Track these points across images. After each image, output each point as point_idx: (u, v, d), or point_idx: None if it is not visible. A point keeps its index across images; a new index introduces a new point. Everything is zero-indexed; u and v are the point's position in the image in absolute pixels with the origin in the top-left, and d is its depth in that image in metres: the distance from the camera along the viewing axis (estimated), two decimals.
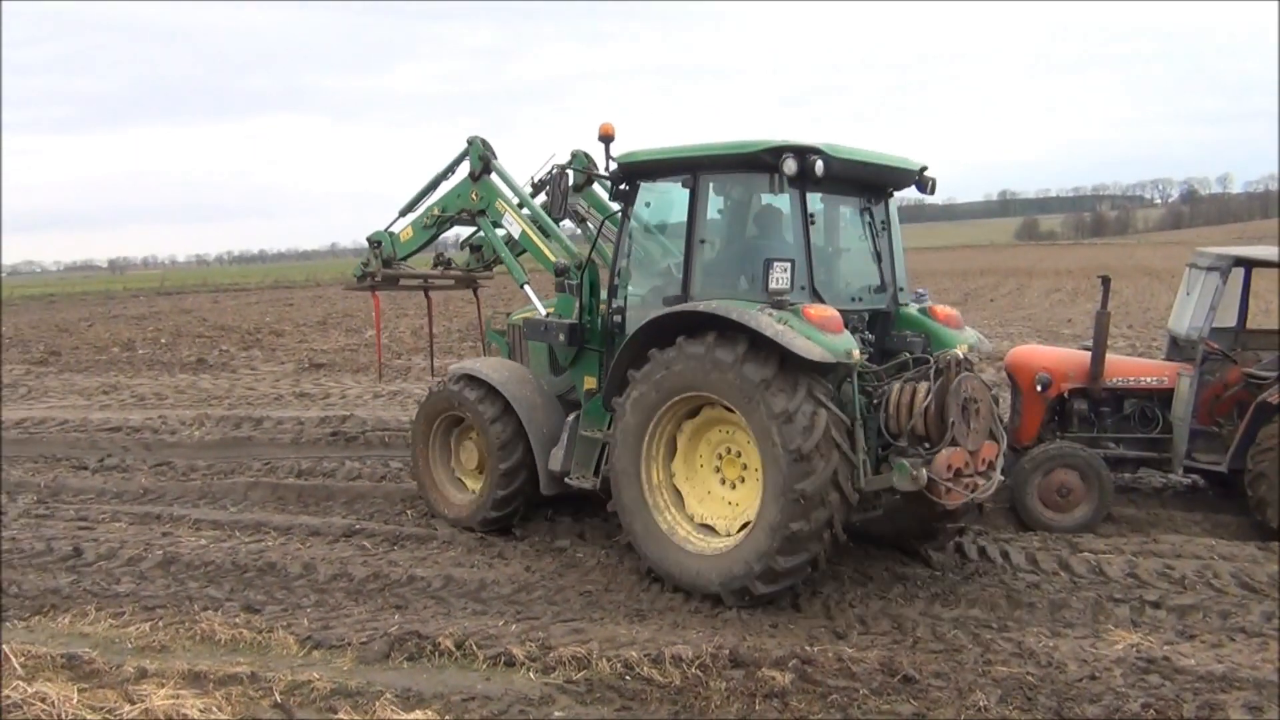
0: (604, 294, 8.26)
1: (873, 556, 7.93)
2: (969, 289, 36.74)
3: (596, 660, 5.77)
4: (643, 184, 7.93)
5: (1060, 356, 9.47)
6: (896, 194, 8.07)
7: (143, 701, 5.16)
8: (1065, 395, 9.14)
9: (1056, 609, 6.82)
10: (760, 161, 7.11)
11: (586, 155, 9.45)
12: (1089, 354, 9.12)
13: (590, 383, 8.26)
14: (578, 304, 8.40)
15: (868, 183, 7.81)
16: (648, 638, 6.24)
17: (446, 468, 9.10)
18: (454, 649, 5.97)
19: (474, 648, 5.97)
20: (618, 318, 8.01)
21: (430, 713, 5.04)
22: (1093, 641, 6.23)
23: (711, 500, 7.38)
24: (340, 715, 5.05)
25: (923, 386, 6.86)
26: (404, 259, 10.56)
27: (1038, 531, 8.46)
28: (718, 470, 7.38)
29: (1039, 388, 9.00)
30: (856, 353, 6.69)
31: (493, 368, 8.82)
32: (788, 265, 6.95)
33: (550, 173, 8.90)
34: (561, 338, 8.32)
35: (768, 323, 6.58)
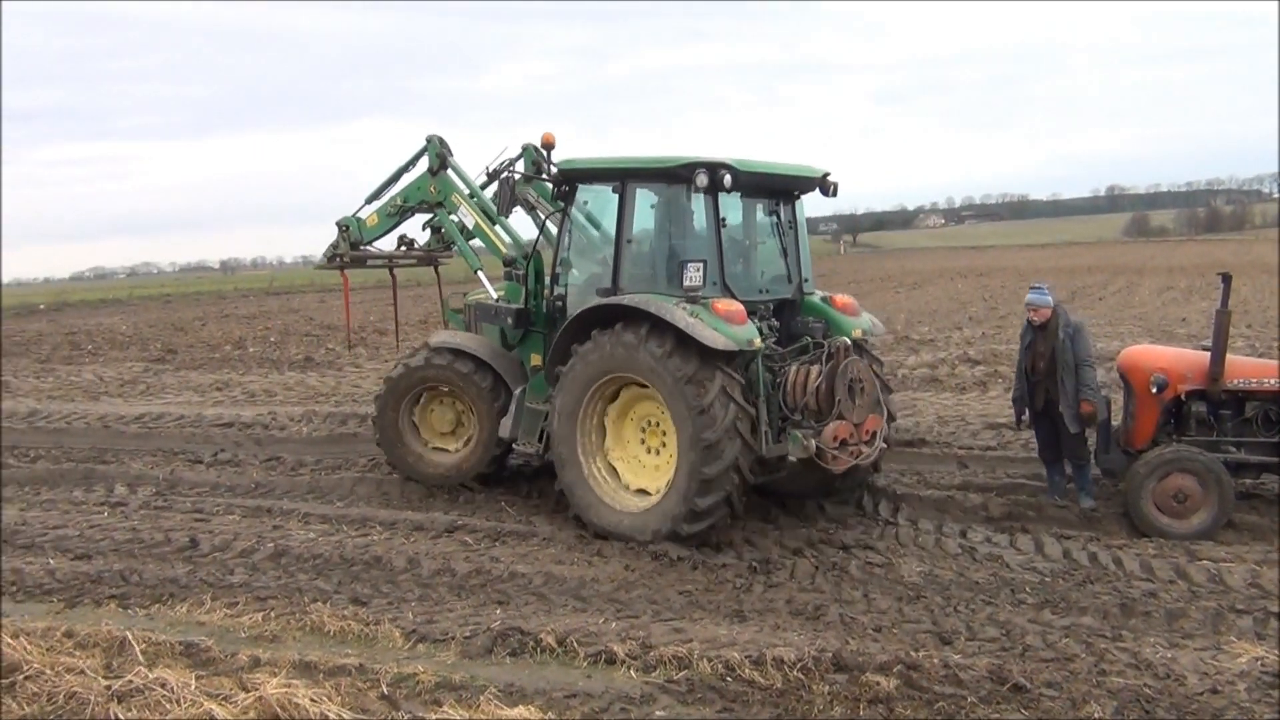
0: (548, 282, 9.32)
1: (979, 562, 7.76)
2: (1075, 287, 35.65)
3: (697, 660, 5.74)
4: (580, 186, 9.04)
5: (1177, 357, 9.10)
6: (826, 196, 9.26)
7: (256, 690, 5.28)
8: (1182, 397, 8.78)
9: (1174, 619, 6.57)
10: (678, 175, 8.21)
11: (537, 149, 10.15)
12: (1207, 354, 8.74)
13: (536, 360, 9.37)
14: (524, 290, 9.56)
15: (775, 189, 9.04)
16: (748, 639, 6.18)
17: (417, 432, 10.09)
18: (555, 645, 6.01)
19: (575, 645, 5.99)
20: (559, 303, 9.11)
21: (533, 709, 5.07)
22: (1213, 654, 5.98)
23: (642, 468, 8.57)
24: (445, 709, 5.12)
25: (815, 368, 8.03)
26: (369, 242, 11.64)
27: (1153, 538, 8.16)
28: (643, 442, 8.58)
29: (1154, 389, 8.66)
30: (757, 341, 7.93)
31: (475, 343, 9.87)
32: (700, 265, 8.18)
33: (501, 164, 10.44)
34: (510, 320, 9.48)
35: (681, 316, 7.76)
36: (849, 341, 8.23)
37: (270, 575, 7.62)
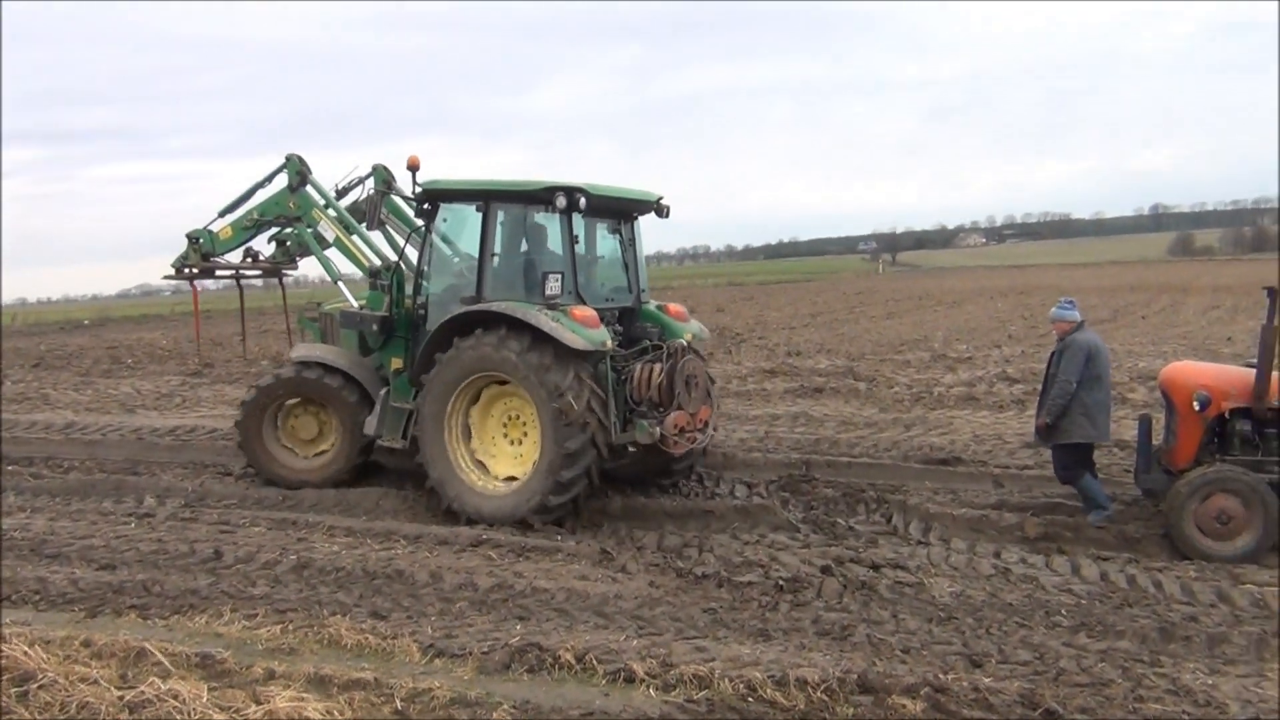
0: (409, 291, 10.20)
1: (1012, 583, 7.55)
2: (1118, 305, 35.11)
3: (718, 680, 5.59)
4: (442, 205, 9.88)
5: (1220, 373, 8.84)
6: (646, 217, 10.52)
7: (268, 703, 5.22)
8: (1226, 415, 8.53)
9: (1215, 644, 6.33)
10: (538, 197, 9.27)
11: (386, 169, 11.58)
12: (1252, 371, 8.49)
13: (397, 363, 10.20)
14: (388, 299, 10.28)
15: (618, 211, 10.19)
16: (772, 659, 6.02)
17: (276, 438, 10.80)
18: (574, 662, 5.88)
19: (594, 662, 5.86)
20: (421, 311, 9.97)
21: None
22: (1257, 680, 5.75)
23: (506, 458, 9.51)
24: None
25: (657, 367, 9.30)
26: (221, 254, 12.27)
27: (1194, 560, 7.92)
28: (505, 434, 9.52)
29: (1197, 407, 8.42)
30: (609, 343, 9.13)
31: (340, 357, 10.69)
32: (559, 276, 9.22)
33: (350, 181, 11.89)
34: (375, 327, 10.28)
35: (545, 320, 8.77)
36: (684, 343, 9.64)
37: (292, 588, 7.56)
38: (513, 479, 9.34)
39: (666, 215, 10.57)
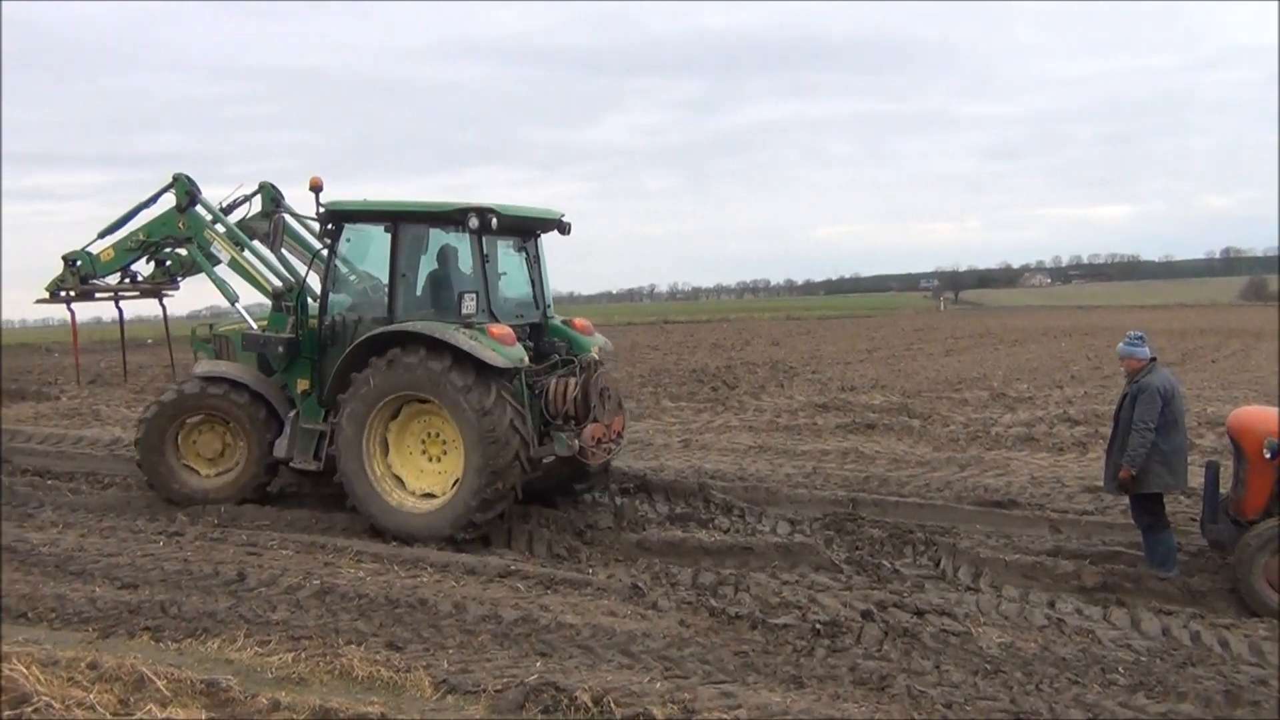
0: (314, 311, 10.13)
1: (1066, 636, 7.09)
2: (1187, 348, 34.00)
3: None
4: (346, 225, 9.91)
5: None
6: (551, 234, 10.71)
7: None
8: None
9: None
10: (450, 218, 9.30)
11: (273, 186, 11.61)
12: None
13: (304, 384, 10.17)
14: (292, 320, 10.23)
15: (525, 229, 10.34)
16: (802, 708, 5.66)
17: (177, 458, 10.61)
18: (591, 705, 5.57)
19: (612, 705, 5.55)
20: (329, 332, 9.91)
21: None
22: None
23: (425, 474, 9.52)
24: None
25: (572, 381, 9.48)
26: (102, 276, 11.87)
27: (1264, 618, 7.39)
28: (424, 451, 9.54)
29: (1268, 454, 7.90)
30: (525, 359, 9.29)
31: (246, 374, 10.53)
32: (474, 294, 9.30)
33: (236, 200, 11.71)
34: (280, 349, 10.17)
35: (464, 339, 8.82)
36: (594, 357, 9.87)
37: (312, 614, 7.34)
38: (432, 496, 9.40)
39: (568, 232, 10.72)
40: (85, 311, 13.04)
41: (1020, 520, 10.27)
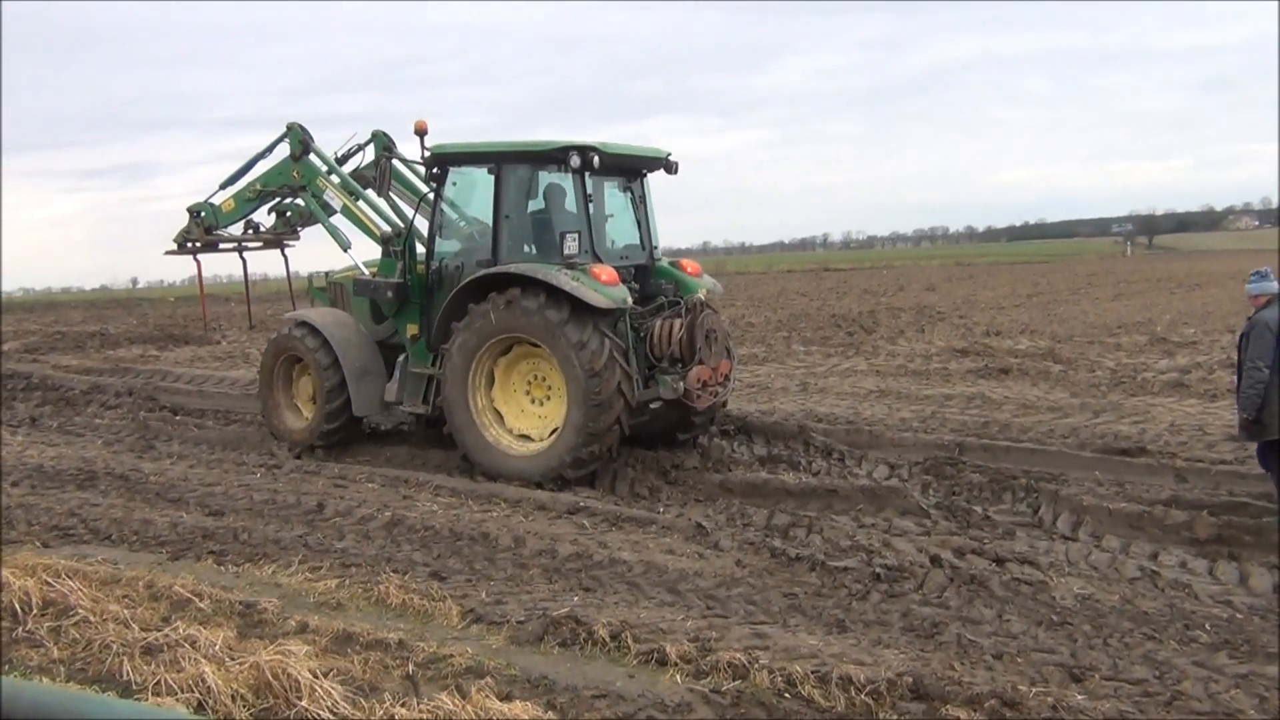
0: (421, 257, 10.14)
1: (1159, 589, 6.49)
2: None
3: (757, 671, 5.00)
4: (451, 169, 9.83)
5: None
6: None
7: (284, 657, 5.03)
8: None
9: None
10: (552, 156, 9.17)
11: (385, 134, 11.49)
12: None
13: (413, 329, 10.16)
14: (400, 266, 10.22)
15: (629, 169, 10.07)
16: (835, 652, 5.36)
17: (288, 397, 10.82)
18: (608, 639, 5.43)
19: (629, 641, 5.39)
20: (436, 277, 9.91)
21: (535, 707, 4.52)
22: None
23: (525, 415, 9.49)
24: (447, 697, 4.62)
25: (677, 322, 9.31)
26: (224, 227, 12.20)
27: None
28: (528, 393, 9.49)
29: None
30: (629, 299, 9.05)
31: (323, 317, 10.62)
32: (576, 235, 9.18)
33: (350, 149, 11.75)
34: (389, 294, 10.18)
35: (565, 280, 8.67)
36: (701, 298, 9.57)
37: (375, 544, 7.47)
38: (528, 439, 9.34)
39: (675, 172, 10.34)
40: (251, 264, 13.59)
41: (1141, 468, 9.50)
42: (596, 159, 9.08)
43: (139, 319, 33.88)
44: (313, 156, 11.57)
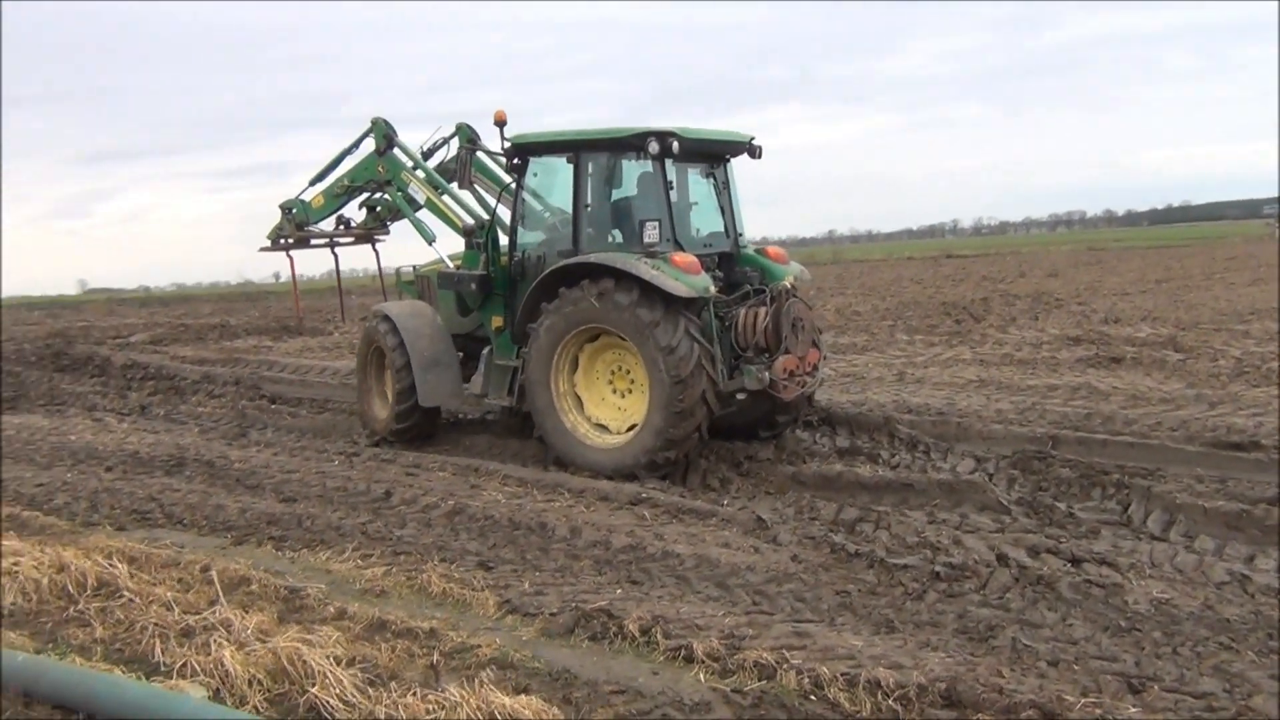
0: (504, 249, 10.09)
1: (1247, 595, 6.02)
2: None
3: (784, 671, 4.81)
4: (531, 159, 9.76)
5: None
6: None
7: (316, 645, 5.06)
8: None
9: None
10: (630, 143, 9.04)
11: (469, 127, 11.50)
12: None
13: (498, 321, 10.12)
14: (484, 258, 10.20)
15: (712, 154, 9.87)
16: (875, 654, 5.11)
17: (379, 385, 10.84)
18: (638, 634, 5.31)
19: (659, 636, 5.26)
20: (518, 268, 9.85)
21: (545, 702, 4.42)
22: None
23: (605, 405, 9.40)
24: (457, 688, 4.56)
25: (762, 310, 9.04)
26: (315, 223, 12.37)
27: None
28: (610, 383, 9.38)
29: None
30: (712, 288, 8.86)
31: (401, 310, 10.64)
32: (656, 223, 9.01)
33: (435, 143, 11.75)
34: (473, 286, 10.12)
35: (645, 269, 8.53)
36: (788, 286, 9.29)
37: (434, 532, 7.49)
38: (605, 429, 9.28)
39: (759, 156, 10.08)
40: (358, 257, 14.05)
41: (1249, 464, 8.86)
42: (675, 144, 8.94)
43: (261, 311, 35.12)
44: (397, 151, 11.72)
